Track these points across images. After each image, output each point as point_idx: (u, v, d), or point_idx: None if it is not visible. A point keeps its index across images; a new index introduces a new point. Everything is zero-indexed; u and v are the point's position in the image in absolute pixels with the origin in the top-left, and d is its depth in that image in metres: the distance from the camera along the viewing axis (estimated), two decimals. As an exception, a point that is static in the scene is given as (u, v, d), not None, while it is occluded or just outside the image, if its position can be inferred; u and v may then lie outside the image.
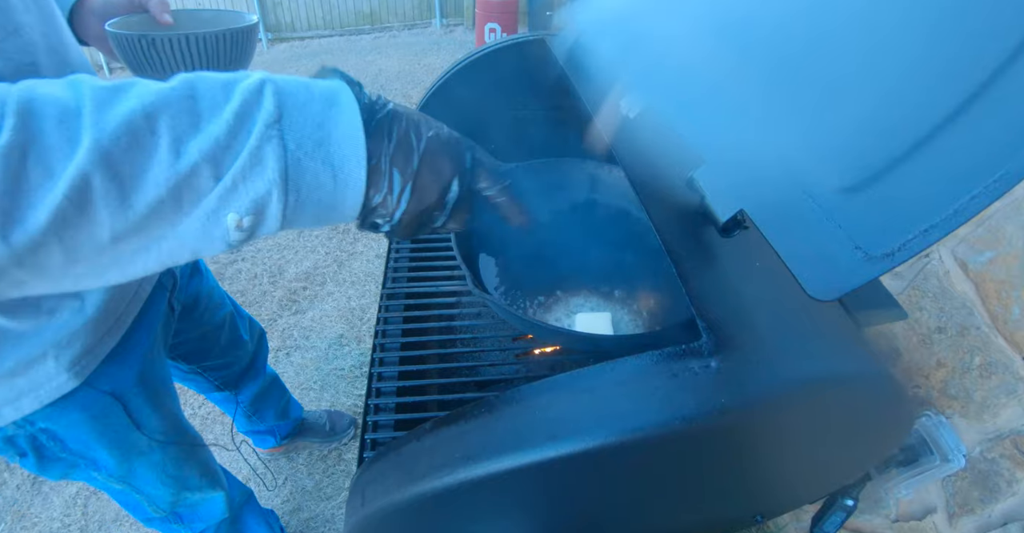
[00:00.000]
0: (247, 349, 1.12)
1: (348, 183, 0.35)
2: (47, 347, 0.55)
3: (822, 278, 0.40)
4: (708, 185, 0.51)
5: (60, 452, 0.68)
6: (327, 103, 0.34)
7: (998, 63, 0.34)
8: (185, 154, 0.29)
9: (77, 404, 0.63)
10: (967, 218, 0.35)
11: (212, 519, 0.98)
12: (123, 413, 0.68)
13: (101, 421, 0.67)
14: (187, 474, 0.85)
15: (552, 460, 0.40)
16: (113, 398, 0.66)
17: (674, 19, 0.62)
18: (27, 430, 0.63)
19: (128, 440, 0.72)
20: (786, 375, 0.42)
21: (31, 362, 0.55)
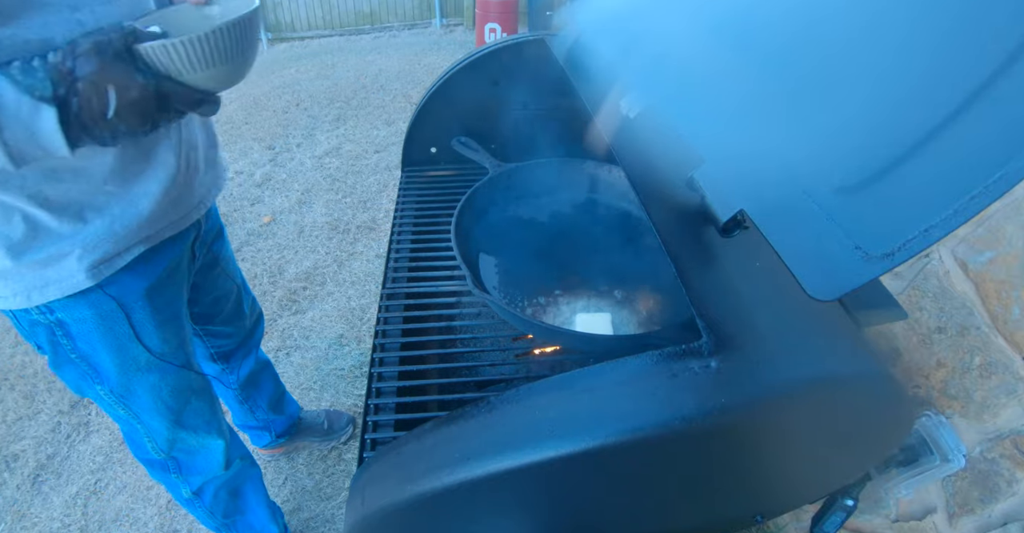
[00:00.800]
0: (245, 324, 1.15)
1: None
2: (75, 247, 0.65)
3: (822, 278, 0.40)
4: (708, 185, 0.51)
5: (70, 352, 0.76)
6: None
7: (998, 64, 0.34)
8: None
9: (88, 301, 0.70)
10: (967, 218, 0.35)
11: (209, 471, 0.99)
12: (125, 321, 0.75)
13: (106, 323, 0.74)
14: (184, 409, 0.88)
15: (552, 460, 0.40)
16: (117, 304, 0.73)
17: (674, 19, 0.61)
18: (47, 318, 0.71)
19: (128, 351, 0.78)
20: (786, 375, 0.42)
21: (61, 257, 0.65)
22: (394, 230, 1.05)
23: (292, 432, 1.48)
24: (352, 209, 2.50)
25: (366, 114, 3.33)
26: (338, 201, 2.55)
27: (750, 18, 0.53)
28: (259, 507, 1.16)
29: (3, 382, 1.71)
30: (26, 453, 1.52)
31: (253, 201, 2.54)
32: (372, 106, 3.43)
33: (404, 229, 1.05)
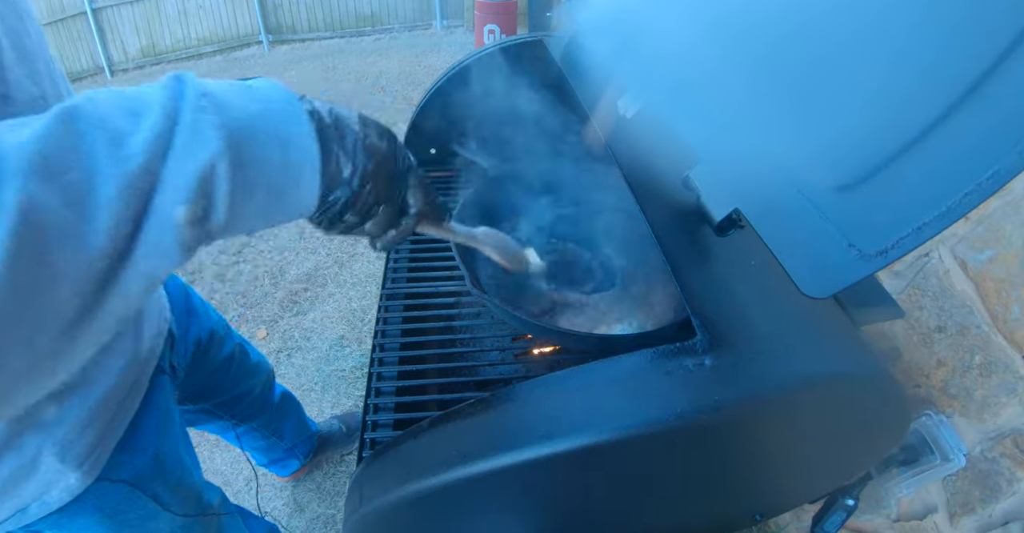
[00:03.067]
0: (263, 372, 1.05)
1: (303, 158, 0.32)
2: (52, 445, 0.49)
3: (816, 276, 0.40)
4: (703, 184, 0.52)
5: None
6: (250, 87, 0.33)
7: (989, 62, 0.34)
8: (128, 157, 0.26)
9: (89, 505, 0.56)
10: (960, 215, 0.35)
11: None
12: (144, 498, 0.62)
13: (118, 518, 0.60)
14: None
15: (547, 458, 0.40)
16: (131, 486, 0.59)
17: (670, 20, 0.62)
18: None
19: (148, 530, 0.66)
20: (781, 373, 0.42)
21: (33, 465, 0.49)
22: (394, 231, 1.05)
23: (316, 449, 1.44)
24: (353, 210, 2.51)
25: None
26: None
27: (745, 18, 0.53)
28: None
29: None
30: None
31: (254, 203, 2.55)
32: (373, 108, 3.44)
33: (403, 230, 1.05)
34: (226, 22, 4.67)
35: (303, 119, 0.33)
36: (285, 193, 0.33)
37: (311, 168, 0.33)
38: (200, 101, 0.29)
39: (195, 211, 0.29)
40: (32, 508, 0.51)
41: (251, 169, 0.30)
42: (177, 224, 0.28)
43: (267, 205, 0.32)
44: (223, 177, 0.29)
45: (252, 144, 0.30)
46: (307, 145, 0.33)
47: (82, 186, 0.25)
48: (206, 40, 4.66)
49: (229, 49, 4.72)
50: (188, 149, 0.28)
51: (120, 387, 0.55)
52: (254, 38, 4.79)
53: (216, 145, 0.29)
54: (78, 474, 0.52)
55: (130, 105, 0.28)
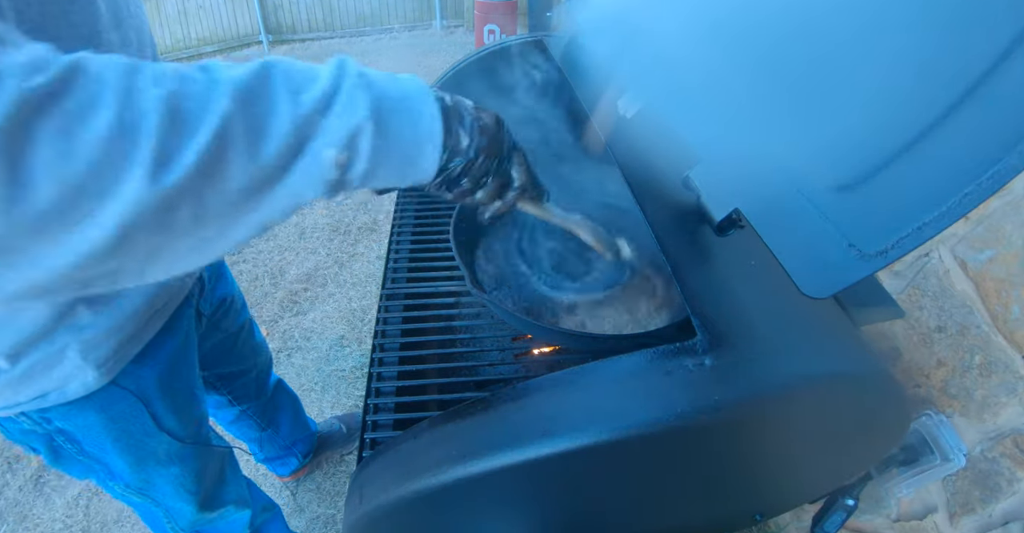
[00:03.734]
0: (263, 354, 1.09)
1: (430, 133, 0.41)
2: (74, 345, 0.56)
3: (816, 276, 0.40)
4: (703, 184, 0.52)
5: (77, 454, 0.68)
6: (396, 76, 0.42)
7: (989, 62, 0.34)
8: (302, 103, 0.35)
9: (95, 405, 0.62)
10: (960, 215, 0.35)
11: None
12: (145, 413, 0.67)
13: (119, 424, 0.66)
14: (207, 487, 0.83)
15: (547, 458, 0.40)
16: (136, 398, 0.66)
17: (670, 19, 0.62)
18: (44, 428, 0.63)
19: (146, 447, 0.70)
20: (781, 373, 0.42)
21: (59, 358, 0.56)
22: (394, 231, 1.05)
23: (315, 448, 1.45)
24: (353, 210, 2.51)
25: (367, 116, 3.33)
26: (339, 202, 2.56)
27: (745, 18, 0.53)
28: None
29: (6, 383, 1.72)
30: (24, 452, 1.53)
31: (254, 203, 2.55)
32: (373, 108, 3.44)
33: (404, 230, 1.05)
34: (226, 22, 4.67)
35: (432, 103, 0.41)
36: (414, 158, 0.41)
37: (434, 141, 0.41)
38: (358, 79, 0.38)
39: (341, 158, 0.37)
40: (51, 396, 0.58)
41: (388, 137, 0.39)
42: (326, 163, 0.36)
43: (399, 166, 0.40)
44: (367, 137, 0.37)
45: (391, 117, 0.39)
46: (433, 124, 0.41)
47: (265, 115, 0.34)
48: (206, 40, 4.66)
49: (229, 49, 4.72)
50: (344, 110, 0.36)
51: (148, 307, 0.62)
52: (254, 38, 4.79)
53: (365, 113, 0.37)
54: (96, 374, 0.59)
55: (307, 73, 0.37)
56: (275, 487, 1.47)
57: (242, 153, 0.33)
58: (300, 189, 0.36)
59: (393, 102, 0.39)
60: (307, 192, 0.37)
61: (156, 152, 0.29)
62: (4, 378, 0.54)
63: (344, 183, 0.38)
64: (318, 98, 0.36)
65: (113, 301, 0.57)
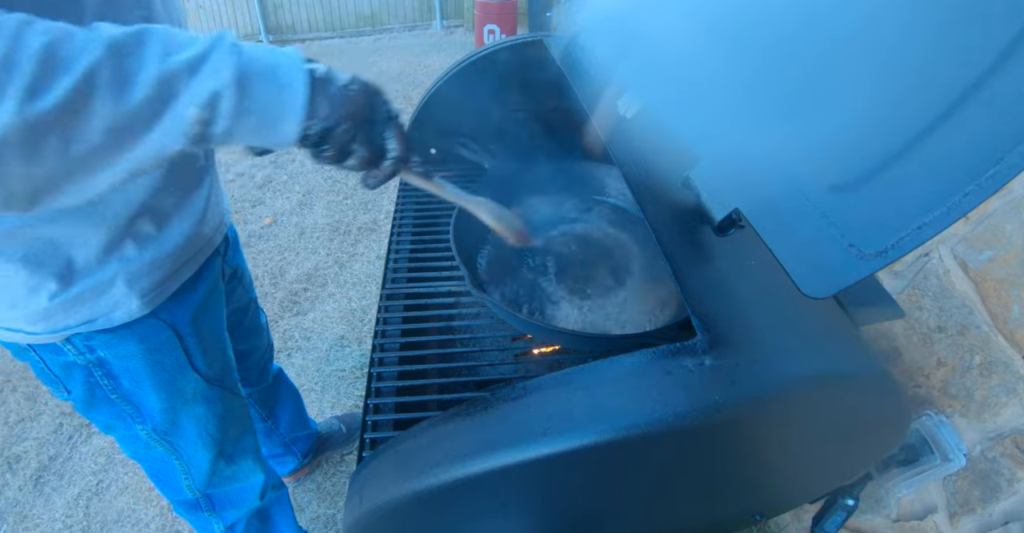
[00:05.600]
0: (263, 340, 1.12)
1: (294, 98, 0.44)
2: (120, 276, 0.63)
3: (816, 276, 0.40)
4: (703, 184, 0.51)
5: (111, 392, 0.73)
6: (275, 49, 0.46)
7: (989, 62, 0.34)
8: (169, 62, 0.40)
9: (136, 334, 0.68)
10: (960, 215, 0.35)
11: (245, 504, 0.97)
12: (179, 347, 0.73)
13: (155, 356, 0.71)
14: (227, 437, 0.86)
15: (547, 457, 0.40)
16: (172, 330, 0.72)
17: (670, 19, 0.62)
18: (85, 358, 0.68)
19: (176, 383, 0.75)
20: (781, 373, 0.42)
21: (107, 287, 0.63)
22: (394, 231, 1.05)
23: (315, 449, 1.46)
24: (353, 210, 2.51)
25: (367, 116, 3.33)
26: (339, 203, 2.56)
27: (746, 18, 0.53)
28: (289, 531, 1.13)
29: (5, 384, 1.72)
30: (28, 454, 1.53)
31: (254, 203, 2.55)
32: (373, 108, 3.44)
33: (404, 230, 1.05)
34: (226, 22, 4.67)
35: (302, 71, 0.45)
36: (275, 121, 0.45)
37: (297, 105, 0.45)
38: (230, 48, 0.42)
39: (202, 115, 0.41)
40: (99, 321, 0.64)
41: (251, 99, 0.43)
42: (188, 119, 0.41)
43: (259, 127, 0.45)
44: (228, 99, 0.42)
45: (255, 84, 0.43)
46: (298, 88, 0.45)
47: (133, 67, 0.39)
48: (206, 40, 4.66)
49: (229, 49, 4.72)
50: (210, 74, 0.41)
51: (185, 249, 0.70)
52: (254, 38, 4.79)
53: (228, 76, 0.42)
54: (139, 303, 0.66)
55: (184, 40, 0.42)
56: (275, 487, 1.47)
57: (107, 97, 0.38)
58: (164, 140, 0.41)
59: (261, 68, 0.43)
60: (170, 143, 0.42)
61: (28, 85, 0.35)
62: (58, 300, 0.60)
63: (205, 137, 0.43)
64: (186, 60, 0.41)
65: (155, 240, 0.65)
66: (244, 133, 0.44)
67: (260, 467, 0.96)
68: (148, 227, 0.63)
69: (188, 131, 0.41)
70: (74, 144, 0.38)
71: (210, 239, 0.76)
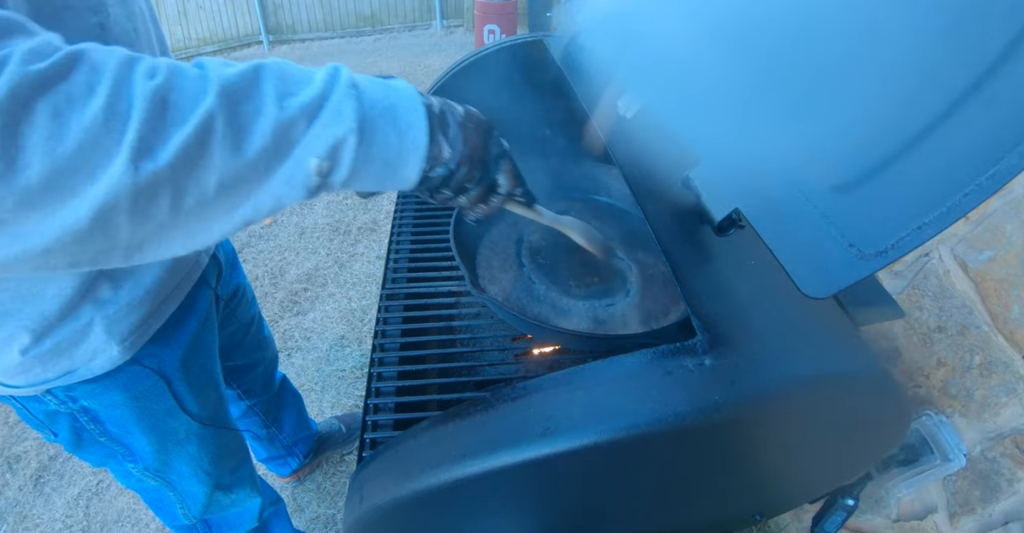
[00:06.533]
0: (267, 352, 1.10)
1: (414, 144, 0.42)
2: (98, 320, 0.58)
3: (816, 276, 0.40)
4: (703, 184, 0.51)
5: (99, 436, 0.69)
6: (389, 85, 0.43)
7: (989, 61, 0.34)
8: (287, 107, 0.37)
9: (120, 383, 0.64)
10: (960, 215, 0.35)
11: (243, 526, 0.96)
12: (167, 392, 0.70)
13: (142, 403, 0.68)
14: (222, 471, 0.84)
15: (547, 457, 0.40)
16: (159, 377, 0.68)
17: (670, 19, 0.62)
18: (69, 407, 0.64)
19: (166, 426, 0.72)
20: (781, 373, 0.42)
21: (85, 333, 0.58)
22: (394, 231, 1.05)
23: (315, 449, 1.45)
24: (353, 210, 2.51)
25: (367, 116, 3.33)
26: (339, 202, 2.56)
27: (745, 19, 0.53)
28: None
29: (6, 384, 1.72)
30: (28, 454, 1.53)
31: (254, 203, 2.55)
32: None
33: (404, 230, 1.05)
34: (226, 22, 4.67)
35: (420, 114, 0.43)
36: (396, 168, 0.42)
37: (419, 151, 0.43)
38: (349, 89, 0.39)
39: (323, 166, 0.38)
40: (79, 371, 0.60)
41: (373, 147, 0.40)
42: (308, 170, 0.38)
43: (380, 174, 0.42)
44: (350, 148, 0.39)
45: (377, 129, 0.40)
46: (419, 134, 0.42)
47: (250, 115, 0.36)
48: (206, 40, 4.66)
49: (229, 49, 4.72)
50: (331, 120, 0.38)
51: (167, 282, 0.64)
52: (254, 38, 4.79)
53: (351, 124, 0.38)
54: (120, 348, 0.61)
55: (299, 78, 0.39)
56: (275, 487, 1.47)
57: (223, 149, 0.34)
58: (282, 191, 0.38)
59: (381, 112, 0.40)
60: (289, 194, 0.38)
61: (139, 141, 0.31)
62: (32, 354, 0.56)
63: (324, 186, 0.40)
64: (305, 104, 0.37)
65: (131, 278, 0.59)
66: (364, 180, 0.41)
67: (257, 491, 0.95)
68: None
69: (308, 182, 0.38)
70: (187, 199, 0.34)
71: (195, 262, 0.70)
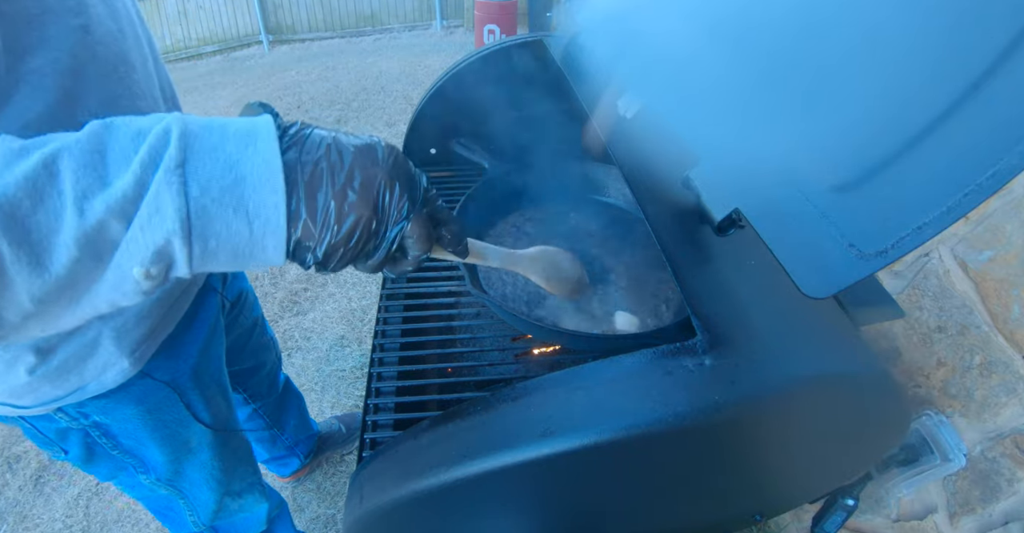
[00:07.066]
0: (271, 355, 1.10)
1: (267, 229, 0.33)
2: (106, 331, 0.56)
3: (816, 276, 0.40)
4: (703, 184, 0.52)
5: (111, 449, 0.69)
6: (243, 143, 0.33)
7: (989, 62, 0.34)
8: (90, 211, 0.30)
9: (133, 397, 0.63)
10: (960, 215, 0.35)
11: (250, 530, 0.96)
12: (179, 403, 0.69)
13: (155, 415, 0.67)
14: (232, 478, 0.85)
15: (546, 457, 0.40)
16: (171, 389, 0.67)
17: (670, 19, 0.62)
18: (80, 423, 0.63)
19: (180, 436, 0.72)
20: (781, 373, 0.42)
21: (94, 347, 0.56)
22: (394, 231, 1.05)
23: (316, 449, 1.46)
24: (353, 210, 2.50)
25: (367, 116, 3.34)
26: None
27: (746, 19, 0.53)
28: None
29: (6, 384, 1.72)
30: (28, 454, 1.53)
31: (254, 203, 2.55)
32: (373, 108, 3.44)
33: (403, 230, 1.05)
34: (226, 22, 4.67)
35: (277, 188, 0.33)
36: (250, 255, 0.34)
37: (276, 237, 0.34)
38: (171, 174, 0.30)
39: (151, 271, 0.32)
40: (90, 387, 0.58)
41: (211, 240, 0.32)
42: (134, 278, 0.32)
43: (232, 262, 0.34)
44: (178, 249, 0.31)
45: (214, 220, 0.32)
46: (272, 217, 0.33)
47: (43, 228, 0.29)
48: (206, 40, 4.66)
49: (229, 49, 4.72)
50: (148, 221, 0.30)
51: (171, 291, 0.63)
52: (254, 38, 4.79)
53: (173, 225, 0.31)
54: (130, 360, 0.59)
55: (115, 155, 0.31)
56: (275, 487, 1.47)
57: (22, 271, 0.29)
58: (114, 297, 0.33)
59: (217, 195, 0.31)
60: (123, 299, 0.33)
61: None
62: (40, 373, 0.54)
63: (168, 282, 0.34)
64: (114, 203, 0.30)
65: None
66: (216, 268, 0.34)
67: (264, 496, 0.95)
68: None
69: (140, 288, 0.32)
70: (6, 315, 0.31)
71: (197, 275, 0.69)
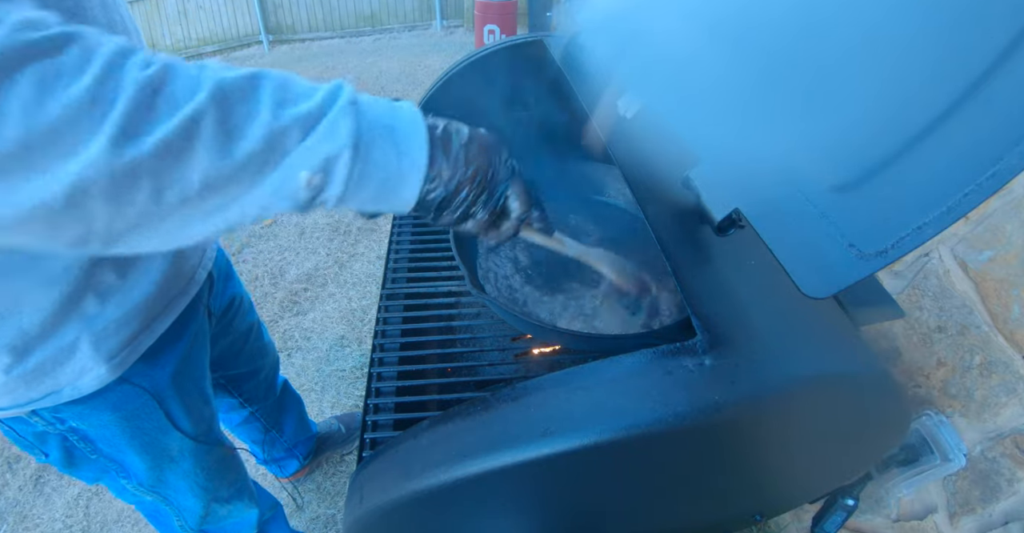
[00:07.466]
0: (268, 359, 1.10)
1: (413, 166, 0.41)
2: (85, 337, 0.56)
3: (816, 276, 0.40)
4: (703, 184, 0.52)
5: (91, 454, 0.68)
6: (391, 106, 0.42)
7: (989, 62, 0.34)
8: (281, 116, 0.36)
9: (109, 403, 0.62)
10: (960, 215, 0.35)
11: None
12: (159, 411, 0.68)
13: (133, 422, 0.66)
14: (218, 485, 0.84)
15: (546, 457, 0.40)
16: (150, 395, 0.66)
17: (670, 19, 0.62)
18: (57, 428, 0.62)
19: (159, 444, 0.71)
20: (780, 373, 0.42)
21: (71, 351, 0.56)
22: (394, 231, 1.05)
23: (315, 450, 1.45)
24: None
25: (367, 116, 3.33)
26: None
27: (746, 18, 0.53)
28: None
29: (6, 384, 1.72)
30: (28, 455, 1.53)
31: (254, 203, 2.55)
32: (373, 108, 3.44)
33: (404, 230, 1.05)
34: (226, 22, 4.67)
35: (421, 134, 0.42)
36: (394, 187, 0.42)
37: (418, 172, 0.42)
38: (347, 107, 0.38)
39: (314, 179, 0.37)
40: (66, 391, 0.58)
41: (369, 165, 0.39)
42: (298, 182, 0.37)
43: (378, 193, 0.41)
44: (344, 164, 0.38)
45: (374, 147, 0.39)
46: (418, 155, 0.42)
47: (242, 117, 0.35)
48: (206, 40, 4.66)
49: (229, 49, 4.72)
50: (325, 135, 0.37)
51: (158, 298, 0.62)
52: (254, 38, 4.79)
53: (345, 140, 0.37)
54: (108, 366, 0.59)
55: (300, 90, 0.38)
56: (274, 488, 1.47)
57: (210, 148, 0.34)
58: (269, 201, 0.37)
59: (380, 131, 0.40)
60: (276, 204, 0.38)
61: (123, 125, 0.32)
62: (16, 373, 0.54)
63: (316, 202, 0.39)
64: (301, 116, 0.37)
65: (119, 292, 0.57)
66: (360, 198, 0.41)
67: (254, 502, 0.94)
68: (109, 276, 0.55)
69: (297, 195, 0.37)
70: (168, 193, 0.34)
71: (191, 279, 0.68)
